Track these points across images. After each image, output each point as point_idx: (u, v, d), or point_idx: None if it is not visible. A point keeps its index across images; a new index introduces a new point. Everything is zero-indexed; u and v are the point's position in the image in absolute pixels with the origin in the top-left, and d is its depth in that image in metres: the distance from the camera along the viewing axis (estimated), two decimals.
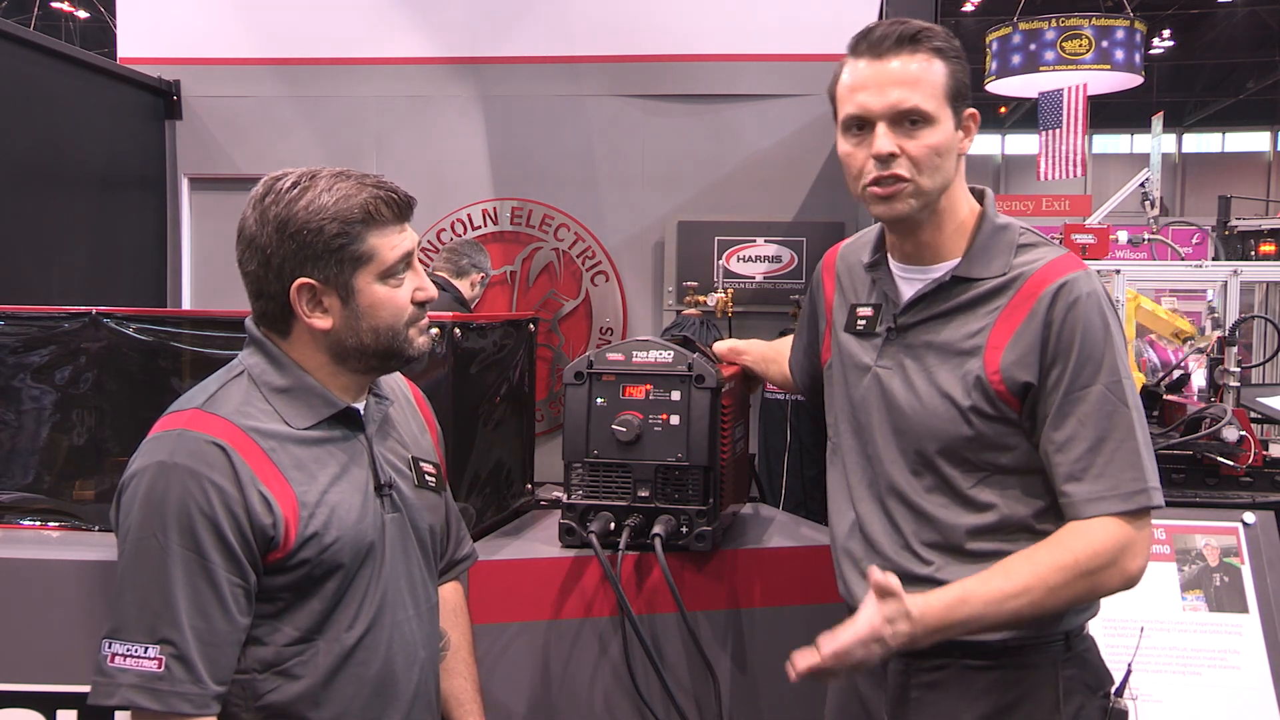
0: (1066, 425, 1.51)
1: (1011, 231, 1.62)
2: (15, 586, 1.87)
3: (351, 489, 1.46)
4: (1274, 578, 2.24)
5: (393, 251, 1.44)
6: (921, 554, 1.59)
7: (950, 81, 1.55)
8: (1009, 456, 1.56)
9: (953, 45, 1.57)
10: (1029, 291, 1.55)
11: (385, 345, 1.46)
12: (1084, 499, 1.50)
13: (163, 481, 1.34)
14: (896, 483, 1.62)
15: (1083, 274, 1.55)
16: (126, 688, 1.31)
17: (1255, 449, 2.45)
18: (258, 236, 1.41)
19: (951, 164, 1.57)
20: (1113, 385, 1.51)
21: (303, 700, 1.41)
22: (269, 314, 1.45)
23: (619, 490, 1.96)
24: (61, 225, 3.17)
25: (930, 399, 1.58)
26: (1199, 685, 2.16)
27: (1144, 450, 1.51)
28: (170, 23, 3.68)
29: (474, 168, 3.65)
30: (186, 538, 1.33)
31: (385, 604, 1.48)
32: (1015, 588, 1.46)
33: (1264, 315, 6.66)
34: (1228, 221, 12.53)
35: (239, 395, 1.43)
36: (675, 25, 3.57)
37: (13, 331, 2.09)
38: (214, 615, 1.34)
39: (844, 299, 1.76)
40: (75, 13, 19.27)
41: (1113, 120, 26.37)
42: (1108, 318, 1.54)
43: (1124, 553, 1.49)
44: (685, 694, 1.96)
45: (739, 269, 3.63)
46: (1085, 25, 14.61)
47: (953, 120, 1.56)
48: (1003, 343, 1.54)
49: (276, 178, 1.44)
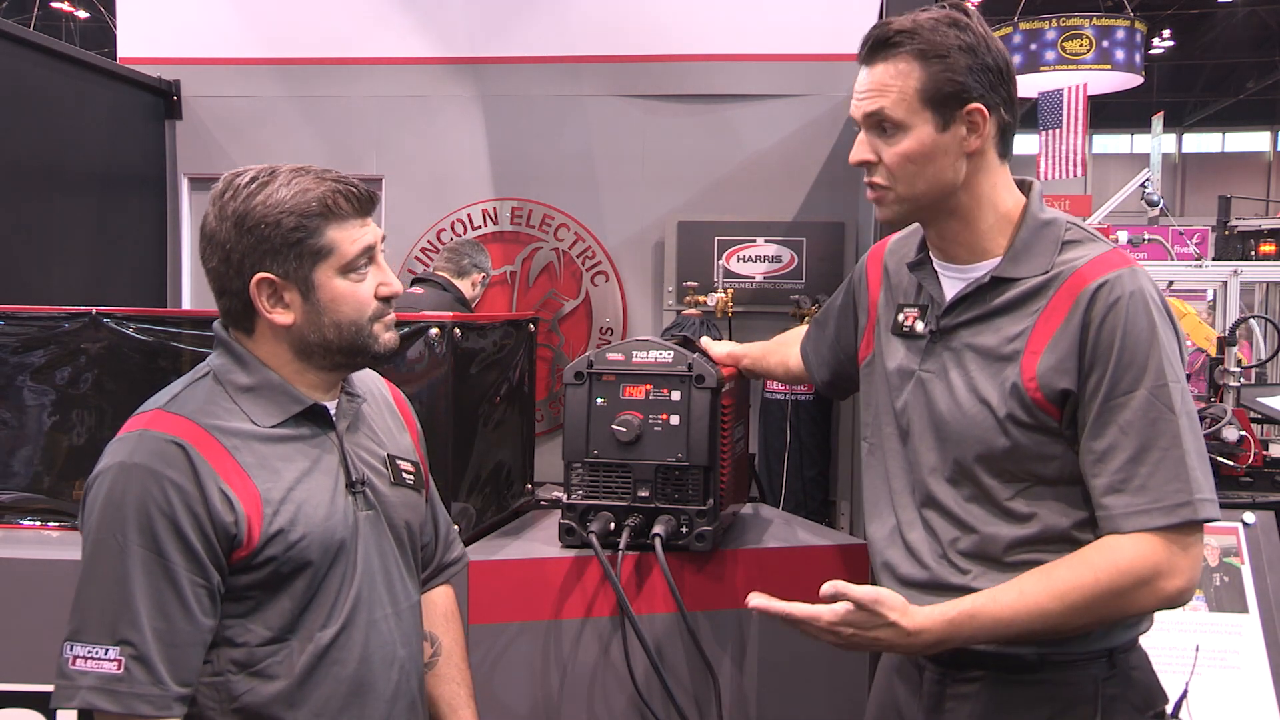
0: (1107, 434, 1.42)
1: (1056, 227, 1.53)
2: (15, 586, 1.88)
3: (320, 486, 1.44)
4: (1274, 578, 2.24)
5: (353, 245, 1.43)
6: (958, 564, 1.53)
7: (929, 84, 1.47)
8: (1051, 467, 1.48)
9: (942, 43, 1.47)
10: (1069, 291, 1.46)
11: (349, 341, 1.45)
12: (1122, 512, 1.40)
13: (122, 482, 1.33)
14: (935, 491, 1.56)
15: (1127, 271, 1.45)
16: (86, 690, 1.29)
17: (1255, 449, 2.45)
18: (217, 233, 1.42)
19: (941, 167, 1.50)
20: (1158, 390, 1.40)
21: (278, 701, 1.40)
22: (233, 311, 1.45)
23: (619, 490, 1.96)
24: (61, 225, 3.17)
25: (970, 406, 1.51)
26: (1199, 685, 2.16)
27: (1194, 459, 1.40)
28: (170, 23, 3.69)
29: (474, 168, 3.66)
30: (146, 537, 1.32)
31: (360, 602, 1.47)
32: (1027, 605, 1.40)
33: (1264, 315, 6.65)
34: (1228, 221, 12.53)
35: (202, 395, 1.43)
36: (675, 25, 3.58)
37: (13, 331, 2.09)
38: (175, 615, 1.33)
39: (890, 297, 1.69)
40: (75, 13, 19.27)
41: (1113, 120, 26.37)
42: (1154, 318, 1.43)
43: (1161, 572, 1.39)
44: (685, 694, 1.96)
45: (739, 269, 3.63)
46: (1086, 25, 14.62)
47: (934, 123, 1.48)
48: (1041, 346, 1.46)
49: (236, 174, 1.44)
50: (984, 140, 1.50)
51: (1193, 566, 1.41)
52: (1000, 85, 1.50)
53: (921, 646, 1.44)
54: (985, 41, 1.49)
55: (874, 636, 1.42)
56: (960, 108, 1.48)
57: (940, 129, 1.48)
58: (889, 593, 1.43)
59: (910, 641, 1.42)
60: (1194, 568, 1.41)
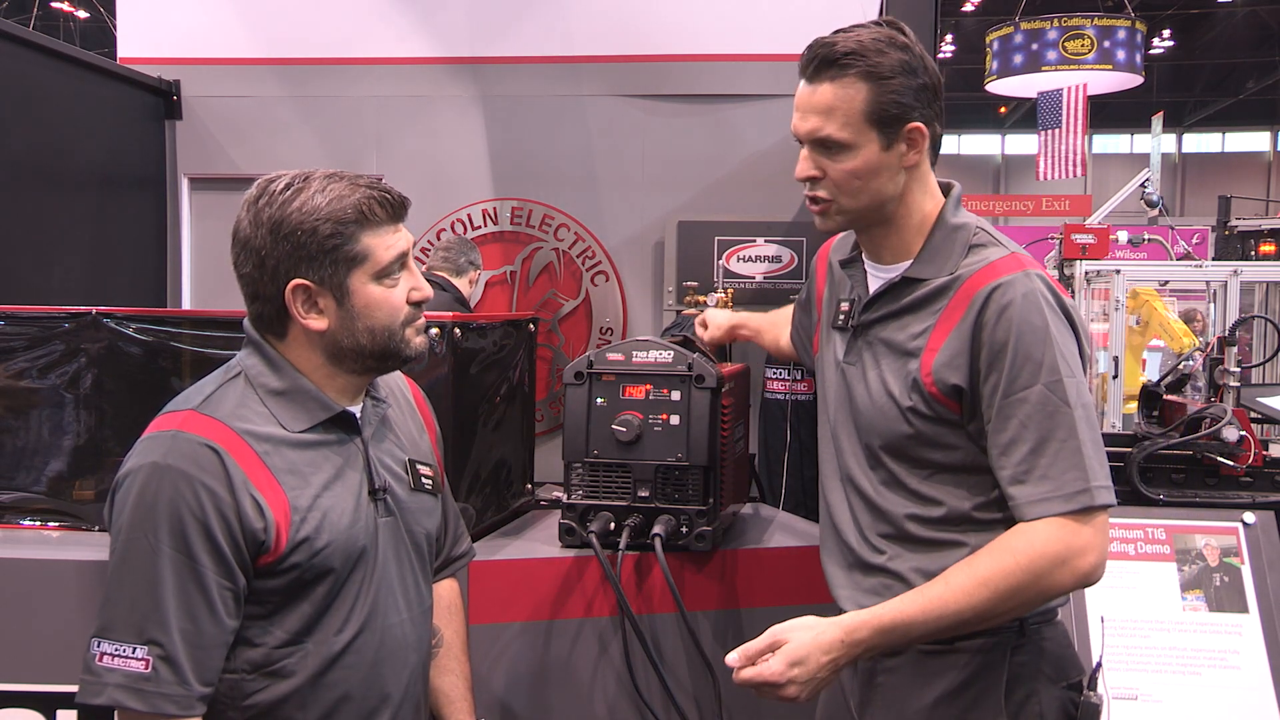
0: (1008, 428, 1.51)
1: (965, 231, 1.62)
2: (15, 586, 1.88)
3: (345, 493, 1.46)
4: (1274, 578, 2.24)
5: (387, 251, 1.44)
6: (877, 544, 1.64)
7: (875, 105, 1.55)
8: (953, 455, 1.58)
9: (887, 64, 1.55)
10: (965, 293, 1.56)
11: (381, 345, 1.46)
12: (1028, 501, 1.49)
13: (155, 483, 1.34)
14: (855, 476, 1.67)
15: (1022, 275, 1.54)
16: (113, 687, 1.31)
17: (1255, 449, 2.45)
18: (252, 239, 1.42)
19: (883, 182, 1.59)
20: (1053, 385, 1.49)
21: (289, 701, 1.41)
22: (265, 316, 1.46)
23: (619, 490, 1.96)
24: (61, 225, 3.17)
25: (879, 396, 1.62)
26: (1199, 685, 2.16)
27: (1089, 449, 1.50)
28: (170, 23, 3.68)
29: (474, 168, 3.65)
30: (177, 540, 1.33)
31: (376, 608, 1.48)
32: (954, 595, 1.48)
33: (1264, 315, 6.65)
34: (1228, 221, 12.52)
35: (235, 397, 1.43)
36: (675, 25, 3.57)
37: (13, 331, 2.09)
38: (202, 618, 1.34)
39: (832, 294, 1.79)
40: (75, 13, 19.28)
41: (1113, 120, 26.37)
42: (1048, 317, 1.52)
43: (1074, 552, 1.47)
44: (685, 694, 1.96)
45: (739, 269, 3.63)
46: (1087, 25, 14.64)
47: (879, 142, 1.57)
48: (939, 344, 1.56)
49: (270, 180, 1.44)
50: (921, 154, 1.61)
51: (1101, 544, 1.50)
52: (934, 101, 1.61)
53: (859, 655, 1.51)
54: (922, 60, 1.59)
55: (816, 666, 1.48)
56: (902, 126, 1.58)
57: (884, 148, 1.58)
58: (777, 627, 1.52)
59: (850, 649, 1.49)
60: (1103, 545, 1.50)
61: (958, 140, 27.51)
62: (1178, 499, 2.39)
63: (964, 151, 27.92)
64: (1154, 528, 2.31)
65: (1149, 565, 2.27)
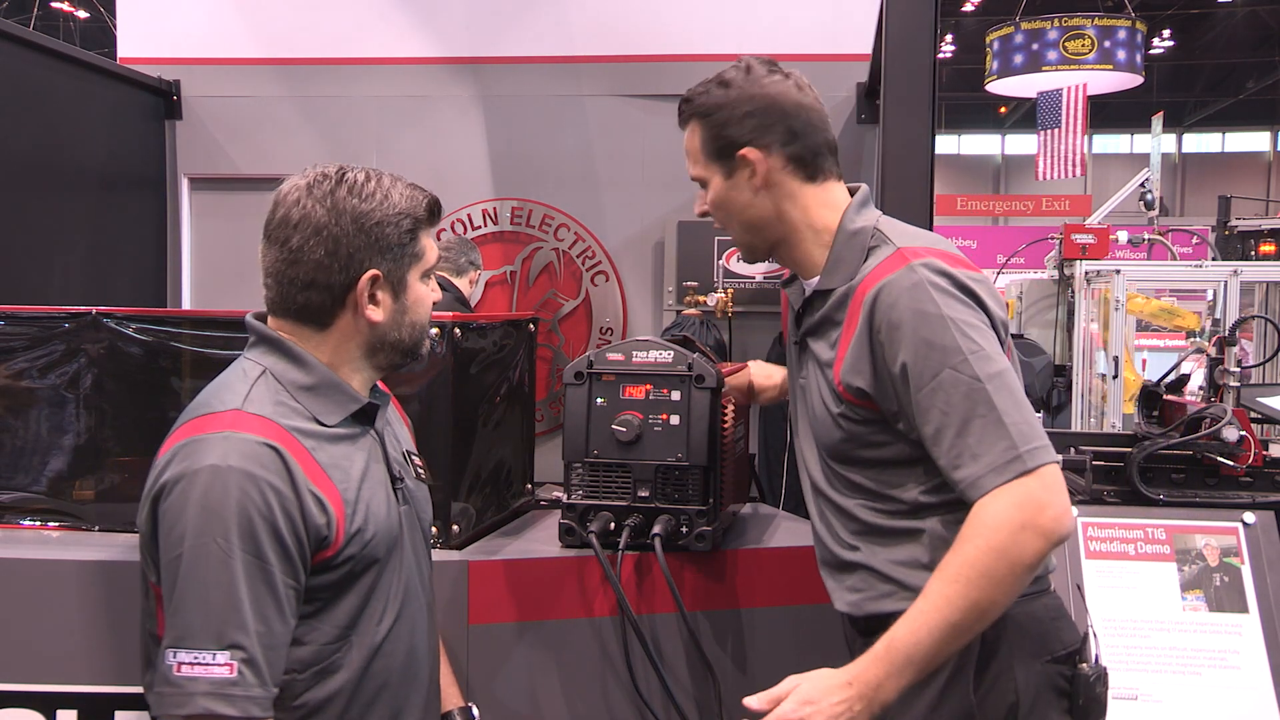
0: (931, 419, 1.52)
1: (863, 236, 1.66)
2: (15, 586, 1.87)
3: (377, 484, 1.49)
4: (1274, 578, 2.24)
5: (433, 253, 1.55)
6: (849, 541, 1.68)
7: (707, 142, 1.68)
8: (887, 451, 1.62)
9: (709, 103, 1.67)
10: (858, 299, 1.60)
11: (415, 341, 1.54)
12: (969, 484, 1.50)
13: (220, 485, 1.32)
14: (819, 483, 1.73)
15: (905, 270, 1.56)
16: (201, 696, 1.28)
17: (1255, 449, 2.45)
18: (328, 226, 1.44)
19: (741, 208, 1.69)
20: (960, 365, 1.50)
21: (337, 698, 1.43)
22: (312, 305, 1.46)
23: (619, 490, 1.96)
24: (61, 225, 3.17)
25: (817, 406, 1.69)
26: (1199, 685, 2.16)
27: (1012, 416, 1.49)
28: (170, 23, 3.68)
29: (474, 168, 3.65)
30: (248, 541, 1.32)
31: (408, 595, 1.52)
32: (933, 602, 1.46)
33: (1264, 315, 6.65)
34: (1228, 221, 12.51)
35: (270, 395, 1.43)
36: (675, 25, 3.57)
37: (13, 331, 2.09)
38: (272, 618, 1.34)
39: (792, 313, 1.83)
40: (75, 13, 19.29)
41: (1113, 120, 26.37)
42: (938, 300, 1.53)
43: (1030, 513, 1.45)
44: (685, 694, 1.96)
45: (739, 269, 3.63)
46: (1088, 25, 14.64)
47: (720, 173, 1.69)
48: (843, 353, 1.62)
49: (342, 170, 1.49)
50: (770, 174, 1.67)
51: (1056, 498, 1.47)
52: (771, 124, 1.66)
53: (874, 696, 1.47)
54: (747, 90, 1.67)
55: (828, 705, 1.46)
56: (734, 154, 1.67)
57: (726, 176, 1.69)
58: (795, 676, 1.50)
59: (862, 687, 1.46)
60: (1058, 499, 1.48)
61: (958, 140, 27.47)
62: (1178, 499, 2.39)
63: (964, 151, 27.87)
64: (1154, 528, 2.31)
65: (1149, 565, 2.27)
